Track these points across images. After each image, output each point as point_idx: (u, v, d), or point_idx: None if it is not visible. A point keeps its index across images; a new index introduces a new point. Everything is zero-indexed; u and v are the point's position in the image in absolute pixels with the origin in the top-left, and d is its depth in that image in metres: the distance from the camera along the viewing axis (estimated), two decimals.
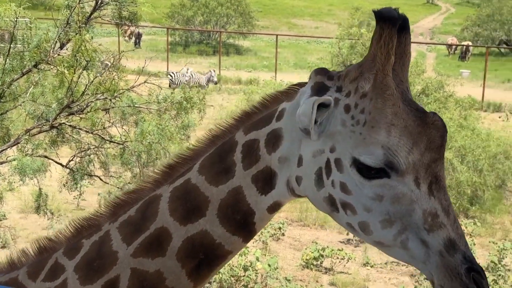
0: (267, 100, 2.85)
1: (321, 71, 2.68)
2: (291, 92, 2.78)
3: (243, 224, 2.74)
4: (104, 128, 10.08)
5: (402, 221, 2.43)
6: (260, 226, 2.79)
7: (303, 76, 25.93)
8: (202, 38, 51.84)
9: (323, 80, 2.63)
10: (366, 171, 2.45)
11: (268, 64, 42.25)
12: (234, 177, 2.71)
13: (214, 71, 32.65)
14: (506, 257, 14.15)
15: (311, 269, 14.00)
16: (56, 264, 2.86)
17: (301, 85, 2.76)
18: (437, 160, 2.46)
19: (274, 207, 2.76)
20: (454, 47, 44.74)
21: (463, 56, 45.44)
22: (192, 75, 31.25)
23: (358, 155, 2.45)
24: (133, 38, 47.16)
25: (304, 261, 14.09)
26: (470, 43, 46.63)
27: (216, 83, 32.07)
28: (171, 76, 30.72)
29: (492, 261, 13.74)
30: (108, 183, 11.17)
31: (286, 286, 12.44)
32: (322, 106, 2.54)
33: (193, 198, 2.74)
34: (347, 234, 15.86)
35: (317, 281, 13.62)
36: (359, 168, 2.46)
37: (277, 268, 13.00)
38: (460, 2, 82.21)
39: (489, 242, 15.15)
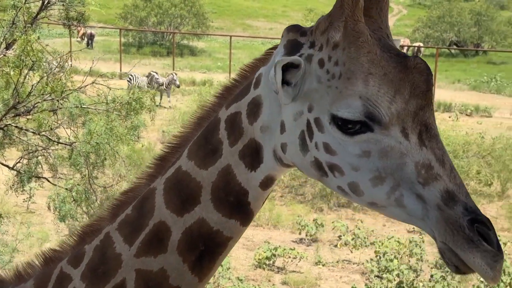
0: (246, 70, 2.68)
1: (293, 28, 2.50)
2: (267, 56, 2.61)
3: (238, 206, 2.58)
4: (51, 129, 9.96)
5: (393, 176, 2.25)
6: (256, 205, 2.62)
7: None
8: (155, 39, 51.52)
9: (296, 37, 2.46)
10: (346, 127, 2.28)
11: (223, 65, 42.27)
12: (222, 156, 2.57)
13: (175, 74, 31.95)
14: None
15: (264, 268, 14.07)
16: (62, 274, 2.76)
17: (277, 47, 2.57)
18: (425, 107, 2.29)
19: (267, 183, 2.57)
20: (406, 48, 45.39)
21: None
22: (153, 79, 30.62)
23: (335, 111, 2.28)
24: (86, 39, 46.64)
25: (256, 261, 14.15)
26: (421, 44, 47.39)
27: (178, 86, 31.24)
28: (130, 78, 30.29)
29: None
30: (57, 185, 11.04)
31: (239, 286, 12.48)
32: (292, 67, 2.39)
33: (185, 186, 2.61)
34: (300, 233, 15.99)
35: (269, 281, 13.69)
36: (338, 125, 2.29)
37: (229, 268, 13.04)
38: (412, 4, 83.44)
39: None
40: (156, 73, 31.78)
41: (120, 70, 36.46)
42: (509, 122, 28.38)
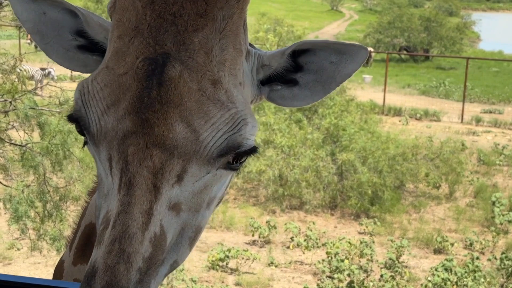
0: None
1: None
2: None
3: None
4: (4, 130, 9.90)
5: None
6: None
7: None
8: None
9: None
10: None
11: None
12: None
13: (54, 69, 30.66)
14: (403, 254, 14.79)
15: (217, 270, 14.18)
16: None
17: None
18: (134, 136, 1.78)
19: None
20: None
21: (365, 62, 46.87)
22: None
23: None
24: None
25: (210, 263, 14.25)
26: (372, 49, 48.14)
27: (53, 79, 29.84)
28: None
29: (390, 258, 14.33)
30: (10, 187, 10.96)
31: (192, 287, 12.56)
32: None
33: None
34: (253, 235, 16.15)
35: (222, 282, 13.81)
36: None
37: (183, 269, 13.11)
38: (363, 9, 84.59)
39: (388, 240, 15.78)
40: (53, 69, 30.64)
41: (71, 72, 36.04)
42: (457, 126, 29.07)
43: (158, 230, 1.74)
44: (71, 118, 1.92)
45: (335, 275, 13.57)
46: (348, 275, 13.51)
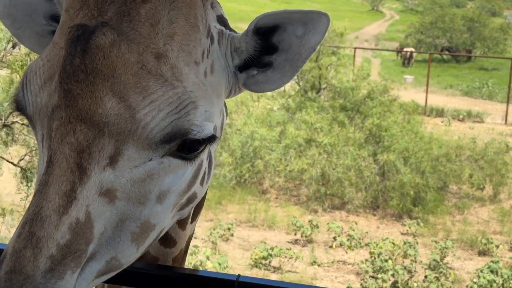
0: None
1: None
2: None
3: None
4: None
5: None
6: None
7: None
8: None
9: None
10: None
11: None
12: None
13: None
14: (447, 255, 14.67)
15: (260, 268, 14.25)
16: None
17: None
18: (58, 109, 1.63)
19: None
20: (409, 54, 45.71)
21: (406, 62, 46.52)
22: None
23: None
24: None
25: (253, 261, 14.33)
26: (413, 50, 47.75)
27: None
28: None
29: (434, 260, 14.23)
30: None
31: None
32: None
33: None
34: (295, 234, 16.18)
35: None
36: None
37: (226, 267, 13.21)
38: (404, 9, 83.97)
39: (431, 241, 15.67)
40: None
41: None
42: (500, 128, 28.69)
43: (82, 216, 1.54)
44: (13, 103, 1.79)
45: (379, 275, 13.54)
46: (392, 275, 13.47)
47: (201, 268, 12.68)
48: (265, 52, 1.93)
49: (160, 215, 1.73)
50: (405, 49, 47.94)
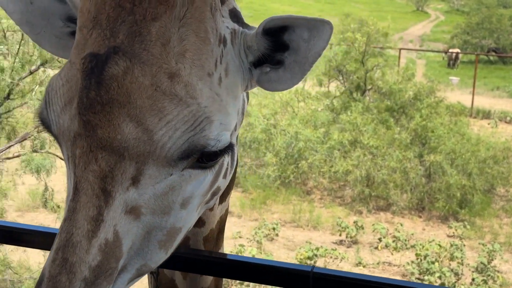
0: None
1: None
2: None
3: None
4: None
5: None
6: None
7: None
8: None
9: None
10: None
11: None
12: None
13: None
14: (495, 258, 14.49)
15: None
16: None
17: None
18: (79, 137, 1.68)
19: None
20: (454, 55, 45.15)
21: (452, 63, 45.99)
22: None
23: None
24: None
25: (298, 260, 14.36)
26: (459, 51, 47.15)
27: None
28: None
29: (481, 262, 14.08)
30: None
31: None
32: None
33: None
34: (340, 235, 16.17)
35: None
36: None
37: None
38: (450, 10, 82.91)
39: (479, 244, 15.50)
40: None
41: None
42: None
43: (110, 236, 1.62)
44: (39, 120, 1.84)
45: (425, 277, 13.45)
46: (439, 277, 13.37)
47: None
48: (277, 49, 1.94)
49: (185, 219, 1.81)
50: (450, 50, 47.36)
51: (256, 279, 2.25)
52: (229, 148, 1.78)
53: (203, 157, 1.74)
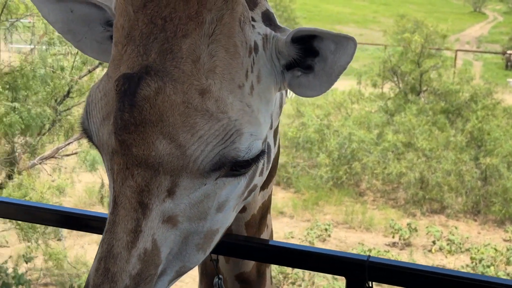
0: None
1: None
2: None
3: None
4: None
5: None
6: None
7: (347, 83, 26.11)
8: None
9: None
10: None
11: None
12: None
13: None
14: None
15: None
16: None
17: None
18: (116, 154, 1.77)
19: None
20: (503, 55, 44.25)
21: (510, 65, 45.04)
22: None
23: None
24: None
25: None
26: None
27: None
28: None
29: None
30: None
31: (333, 284, 12.69)
32: None
33: None
34: (393, 237, 16.05)
35: None
36: None
37: None
38: (509, 10, 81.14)
39: None
40: None
41: None
42: None
43: (149, 246, 1.71)
44: (81, 129, 1.93)
45: None
46: None
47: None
48: (307, 54, 1.97)
49: (222, 221, 1.89)
50: (508, 52, 46.39)
51: (311, 267, 2.30)
52: (261, 155, 1.84)
53: (236, 166, 1.80)
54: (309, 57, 1.97)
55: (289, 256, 2.22)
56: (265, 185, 2.31)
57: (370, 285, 2.10)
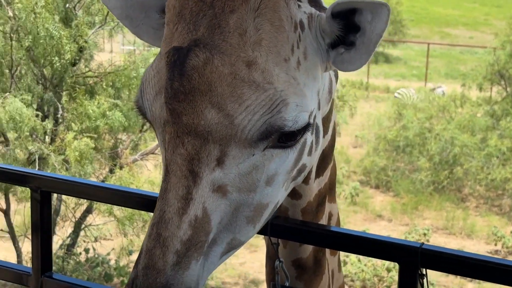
0: None
1: None
2: None
3: None
4: None
5: None
6: None
7: (455, 86, 25.46)
8: None
9: None
10: None
11: (418, 73, 41.55)
12: None
13: None
14: None
15: (456, 276, 13.87)
16: None
17: None
18: (168, 124, 1.85)
19: None
20: None
21: None
22: None
23: None
24: None
25: None
26: None
27: None
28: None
29: None
30: None
31: None
32: None
33: None
34: (495, 245, 15.54)
35: (461, 287, 13.51)
36: None
37: None
38: None
39: None
40: None
41: None
42: None
43: (200, 213, 1.77)
44: (136, 108, 2.02)
45: None
46: None
47: (393, 271, 12.69)
48: (350, 31, 1.99)
49: (271, 195, 1.93)
50: None
51: (364, 252, 2.32)
52: (308, 127, 1.89)
53: (283, 137, 1.86)
54: (351, 33, 2.00)
55: (343, 241, 2.25)
56: (320, 173, 2.36)
57: (423, 272, 2.10)
